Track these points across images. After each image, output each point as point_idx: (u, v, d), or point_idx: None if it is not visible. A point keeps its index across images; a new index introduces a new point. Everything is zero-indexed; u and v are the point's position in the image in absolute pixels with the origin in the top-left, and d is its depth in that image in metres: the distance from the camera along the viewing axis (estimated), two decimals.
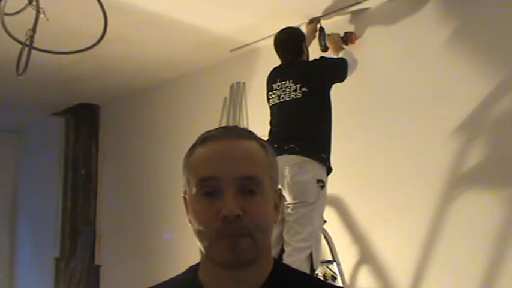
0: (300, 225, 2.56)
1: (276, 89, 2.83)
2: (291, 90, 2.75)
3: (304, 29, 3.19)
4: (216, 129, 0.91)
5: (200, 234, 0.85)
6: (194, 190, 0.86)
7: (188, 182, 0.88)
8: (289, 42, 2.92)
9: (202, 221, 0.84)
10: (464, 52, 2.70)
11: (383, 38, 3.08)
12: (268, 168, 0.88)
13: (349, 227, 3.06)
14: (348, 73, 2.85)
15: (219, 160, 0.85)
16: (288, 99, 2.76)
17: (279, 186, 0.93)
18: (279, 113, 2.82)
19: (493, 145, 2.59)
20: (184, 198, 0.90)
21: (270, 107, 2.88)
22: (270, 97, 2.87)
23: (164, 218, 4.54)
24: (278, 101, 2.81)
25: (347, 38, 3.12)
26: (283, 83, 2.80)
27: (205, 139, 0.89)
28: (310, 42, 3.14)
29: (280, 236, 2.66)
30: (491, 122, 2.60)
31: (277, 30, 2.95)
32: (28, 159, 6.92)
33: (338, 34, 3.12)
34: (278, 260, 0.94)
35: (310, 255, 2.55)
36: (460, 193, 2.65)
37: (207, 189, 0.84)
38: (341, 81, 2.84)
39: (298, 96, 2.72)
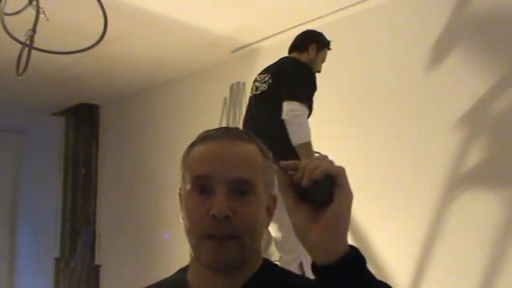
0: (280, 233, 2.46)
1: (257, 80, 2.67)
2: (265, 82, 2.57)
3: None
4: (217, 129, 0.92)
5: (189, 232, 0.85)
6: (188, 187, 0.86)
7: (184, 178, 0.89)
8: (299, 35, 2.76)
9: (192, 218, 0.84)
10: (463, 50, 2.71)
11: (382, 38, 3.08)
12: (263, 173, 0.87)
13: (349, 227, 3.05)
14: (292, 119, 2.42)
15: (215, 160, 0.85)
16: (262, 90, 2.58)
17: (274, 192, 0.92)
18: (251, 106, 2.65)
19: (493, 145, 2.59)
20: (180, 195, 0.90)
21: (249, 98, 2.69)
22: (251, 87, 2.68)
23: (164, 218, 4.53)
24: (255, 92, 2.63)
25: None
26: (264, 75, 2.64)
27: (205, 138, 0.89)
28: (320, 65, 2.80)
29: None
30: (491, 122, 2.60)
31: (278, 31, 2.90)
32: (28, 159, 6.92)
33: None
34: (267, 260, 0.93)
35: (301, 265, 2.47)
36: (460, 193, 2.65)
37: (200, 187, 0.85)
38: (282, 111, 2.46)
39: (265, 89, 2.55)
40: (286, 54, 2.76)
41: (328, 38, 2.81)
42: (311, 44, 2.72)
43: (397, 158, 2.94)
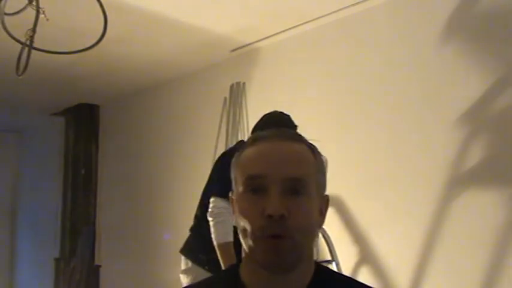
0: None
1: None
2: None
3: None
4: (268, 130, 0.93)
5: (244, 233, 0.85)
6: (241, 188, 0.87)
7: (236, 180, 0.89)
8: (287, 121, 2.54)
9: (247, 219, 0.84)
10: (463, 49, 2.70)
11: (381, 36, 3.08)
12: (315, 173, 0.88)
13: (349, 227, 3.06)
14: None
15: (268, 159, 0.86)
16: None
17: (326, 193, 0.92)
18: None
19: (494, 145, 2.58)
20: (232, 199, 0.91)
21: None
22: None
23: (164, 218, 4.53)
24: None
25: None
26: None
27: (255, 139, 0.90)
28: None
29: None
30: (492, 121, 2.60)
31: (278, 31, 2.89)
32: (28, 159, 6.92)
33: None
34: (321, 265, 0.94)
35: None
36: (460, 192, 2.65)
37: (253, 187, 0.85)
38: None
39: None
40: (286, 55, 2.74)
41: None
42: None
43: (396, 159, 2.94)
